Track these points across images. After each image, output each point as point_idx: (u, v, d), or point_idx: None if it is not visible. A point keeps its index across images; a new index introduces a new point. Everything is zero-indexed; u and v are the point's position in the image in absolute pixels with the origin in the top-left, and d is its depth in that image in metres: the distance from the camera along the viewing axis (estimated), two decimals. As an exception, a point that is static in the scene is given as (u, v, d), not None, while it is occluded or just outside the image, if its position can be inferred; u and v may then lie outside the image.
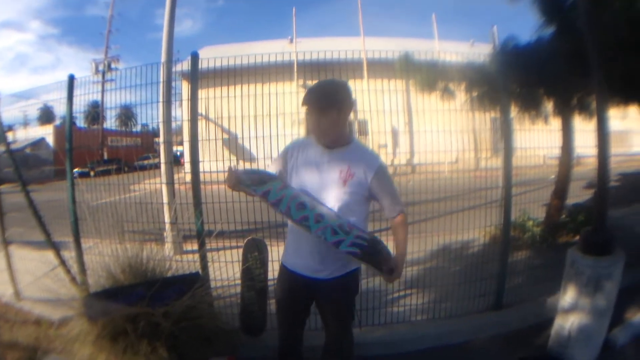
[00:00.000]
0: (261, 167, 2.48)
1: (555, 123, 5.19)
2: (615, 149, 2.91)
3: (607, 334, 2.88)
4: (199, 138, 3.02)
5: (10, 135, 4.97)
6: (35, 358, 3.11)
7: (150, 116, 3.63)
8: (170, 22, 4.39)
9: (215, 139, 3.23)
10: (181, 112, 3.53)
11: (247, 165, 3.17)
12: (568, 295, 2.81)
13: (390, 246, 2.14)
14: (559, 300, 2.91)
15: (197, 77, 2.95)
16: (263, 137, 3.05)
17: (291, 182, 2.17)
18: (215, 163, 3.20)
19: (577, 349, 2.78)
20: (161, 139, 3.95)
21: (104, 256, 2.88)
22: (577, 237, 5.12)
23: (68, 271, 3.61)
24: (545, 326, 3.08)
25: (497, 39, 5.26)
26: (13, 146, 4.50)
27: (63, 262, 3.72)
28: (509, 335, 3.31)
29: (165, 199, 3.83)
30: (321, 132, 2.04)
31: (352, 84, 2.16)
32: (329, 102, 1.98)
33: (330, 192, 2.06)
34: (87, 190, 3.49)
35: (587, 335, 2.75)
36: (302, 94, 2.07)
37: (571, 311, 2.78)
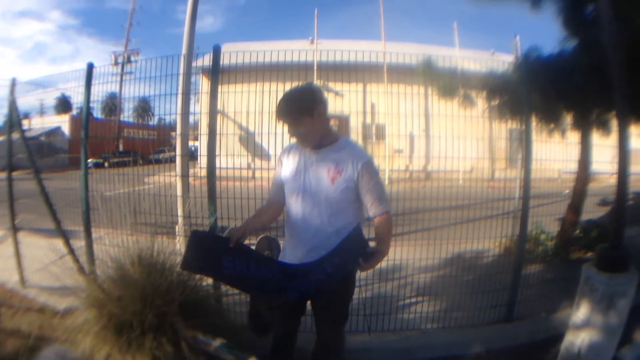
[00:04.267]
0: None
1: (572, 137, 5.13)
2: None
3: (616, 352, 2.81)
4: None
5: (26, 123, 5.00)
6: (36, 346, 3.07)
7: (168, 109, 3.62)
8: (193, 15, 4.40)
9: (234, 134, 3.22)
10: (200, 107, 3.51)
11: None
12: (580, 312, 2.75)
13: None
14: (571, 316, 2.84)
15: (218, 70, 2.94)
16: (282, 134, 3.03)
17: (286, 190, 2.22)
18: (230, 159, 3.19)
19: (586, 366, 2.72)
20: (178, 131, 3.94)
21: (114, 247, 2.85)
22: (590, 254, 5.09)
23: (76, 260, 3.58)
24: (555, 341, 3.01)
25: (519, 49, 5.22)
26: (28, 134, 4.51)
27: (72, 251, 3.70)
28: (519, 349, 3.27)
29: (179, 192, 3.80)
30: (302, 139, 2.08)
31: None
32: (298, 111, 2.00)
33: (321, 193, 2.07)
34: (100, 180, 3.48)
35: (597, 353, 2.68)
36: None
37: (582, 327, 2.72)
